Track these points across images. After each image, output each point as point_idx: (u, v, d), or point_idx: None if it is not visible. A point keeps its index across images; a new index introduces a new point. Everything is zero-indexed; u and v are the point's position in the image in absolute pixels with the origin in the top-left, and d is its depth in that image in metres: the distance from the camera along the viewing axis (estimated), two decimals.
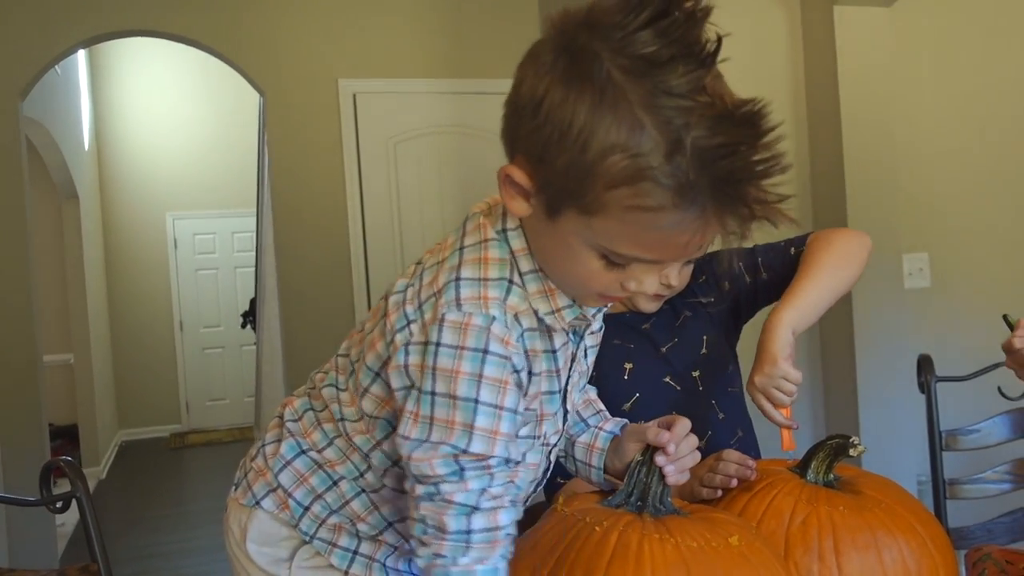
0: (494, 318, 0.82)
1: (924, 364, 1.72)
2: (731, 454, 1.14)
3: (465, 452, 0.81)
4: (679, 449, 0.97)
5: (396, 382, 0.86)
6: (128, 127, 7.70)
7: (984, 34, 3.06)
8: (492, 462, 0.82)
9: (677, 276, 1.39)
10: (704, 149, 0.70)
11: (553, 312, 0.88)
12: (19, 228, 3.42)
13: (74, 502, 1.19)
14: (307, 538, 0.99)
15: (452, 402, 0.81)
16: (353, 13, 3.75)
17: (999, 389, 1.69)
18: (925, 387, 1.70)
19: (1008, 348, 1.32)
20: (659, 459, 0.96)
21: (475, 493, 0.81)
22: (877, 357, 2.65)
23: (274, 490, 1.02)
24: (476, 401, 0.80)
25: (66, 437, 6.15)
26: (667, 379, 1.42)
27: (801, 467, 1.09)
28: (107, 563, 1.18)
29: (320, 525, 0.99)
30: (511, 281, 0.85)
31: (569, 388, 1.00)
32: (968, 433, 1.71)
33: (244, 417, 7.69)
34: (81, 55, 6.45)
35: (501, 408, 0.82)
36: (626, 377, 1.41)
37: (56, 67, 3.73)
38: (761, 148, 0.72)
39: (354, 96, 3.71)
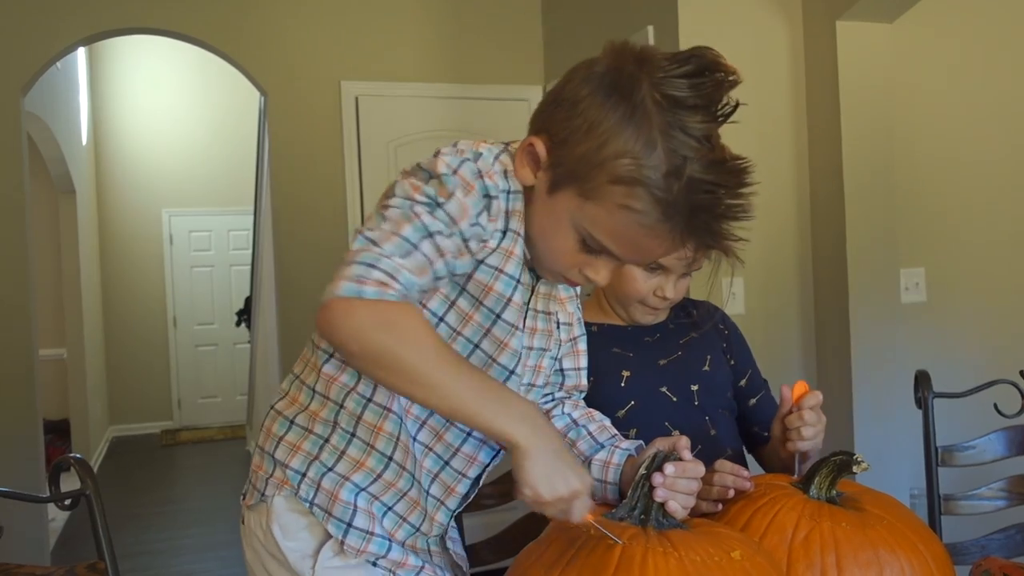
0: (482, 154, 0.96)
1: (922, 380, 1.73)
2: (724, 465, 1.15)
3: (440, 205, 0.91)
4: (676, 476, 0.99)
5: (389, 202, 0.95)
6: (126, 123, 7.70)
7: (985, 51, 3.08)
8: (456, 229, 0.91)
9: (673, 288, 1.42)
10: (695, 181, 0.86)
11: (522, 221, 1.00)
12: (18, 223, 3.42)
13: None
14: (307, 504, 1.02)
15: (432, 178, 0.93)
16: (357, 16, 3.76)
17: (995, 406, 1.71)
18: (922, 403, 1.71)
19: None
20: (656, 478, 0.98)
21: (437, 226, 0.90)
22: (873, 371, 2.66)
23: (272, 474, 1.04)
24: (454, 174, 0.93)
25: (57, 432, 6.13)
26: (664, 389, 1.43)
27: (804, 483, 1.10)
28: (114, 561, 1.19)
29: (317, 490, 1.02)
30: (503, 152, 0.99)
31: (527, 342, 1.07)
32: (964, 449, 1.72)
33: (236, 416, 7.68)
34: (80, 50, 6.43)
35: (466, 205, 0.92)
36: (623, 384, 1.42)
37: (56, 62, 3.72)
38: (737, 196, 0.89)
39: (356, 99, 3.72)
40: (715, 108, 0.88)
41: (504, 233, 0.98)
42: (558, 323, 1.15)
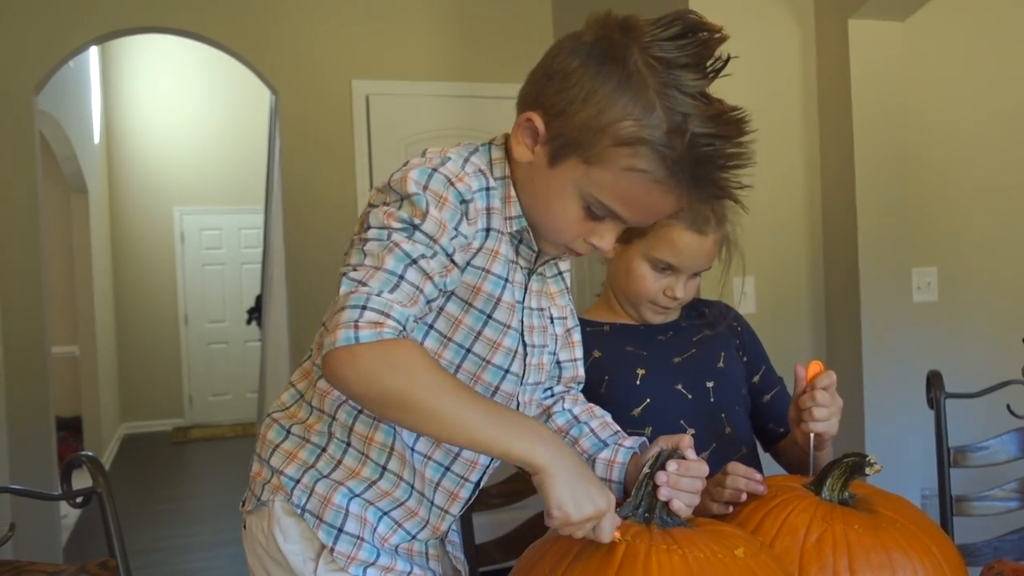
0: (450, 159, 0.96)
1: (934, 380, 1.72)
2: (737, 467, 1.15)
3: (417, 228, 0.91)
4: (679, 474, 0.99)
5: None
6: (137, 122, 7.73)
7: (997, 50, 3.06)
8: (437, 247, 0.91)
9: (683, 288, 1.42)
10: (696, 135, 0.89)
11: (506, 218, 1.01)
12: (31, 221, 3.44)
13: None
14: (299, 510, 1.02)
15: (404, 200, 0.93)
16: (368, 15, 3.76)
17: (1008, 407, 1.70)
18: (934, 403, 1.70)
19: None
20: (660, 476, 0.98)
21: (418, 250, 0.90)
22: (884, 371, 2.65)
23: (270, 480, 1.04)
24: (425, 197, 0.92)
25: (70, 429, 6.16)
26: (679, 387, 1.43)
27: (816, 484, 1.09)
28: (126, 559, 1.19)
29: (310, 495, 1.02)
30: (475, 153, 1.01)
31: (529, 340, 1.07)
32: (976, 450, 1.71)
33: (246, 413, 7.71)
34: (93, 49, 6.46)
35: (443, 218, 0.92)
36: (638, 382, 1.41)
37: (69, 61, 3.74)
38: (738, 144, 0.91)
39: (367, 97, 3.72)
40: (706, 65, 0.91)
41: (487, 232, 0.98)
42: (551, 318, 1.15)
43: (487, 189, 0.98)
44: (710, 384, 1.44)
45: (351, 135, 3.72)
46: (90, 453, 1.20)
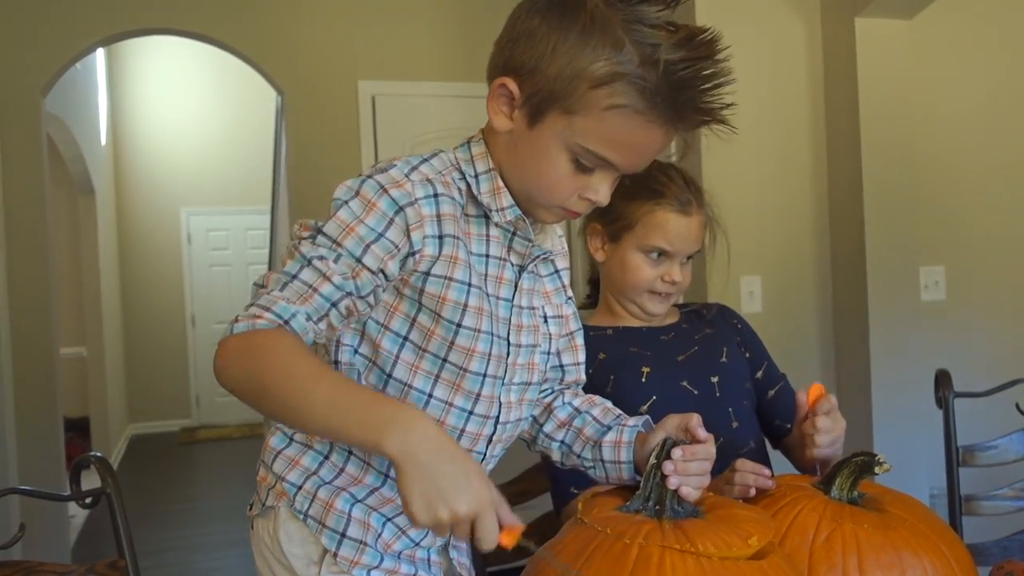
0: (395, 165, 0.97)
1: (942, 379, 1.71)
2: (745, 463, 1.15)
3: (320, 231, 0.94)
4: (686, 460, 0.98)
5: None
6: (144, 123, 7.75)
7: (1004, 48, 3.05)
8: (340, 250, 0.93)
9: (679, 272, 1.43)
10: (669, 62, 0.89)
11: (498, 210, 1.01)
12: (39, 223, 3.45)
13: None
14: (301, 516, 1.02)
15: (332, 203, 0.96)
16: (373, 16, 3.77)
17: (1017, 406, 1.69)
18: (943, 402, 1.70)
19: None
20: (667, 466, 0.97)
21: (317, 252, 0.92)
22: (892, 370, 2.65)
23: (274, 486, 1.05)
24: (344, 202, 0.95)
25: (77, 430, 6.18)
26: (685, 383, 1.43)
27: (825, 483, 1.09)
28: (135, 559, 1.19)
29: (312, 500, 1.02)
30: (429, 159, 1.01)
31: (515, 340, 1.05)
32: (985, 449, 1.70)
33: (254, 414, 7.65)
34: (99, 51, 6.48)
35: (361, 220, 0.93)
36: (643, 380, 1.42)
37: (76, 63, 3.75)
38: (712, 64, 0.90)
39: (373, 98, 3.73)
40: None
41: (439, 240, 0.97)
42: (545, 317, 1.13)
43: (435, 196, 0.97)
44: (715, 379, 1.45)
45: (357, 136, 3.72)
46: (99, 454, 1.21)
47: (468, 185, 1.02)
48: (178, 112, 7.77)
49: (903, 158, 2.69)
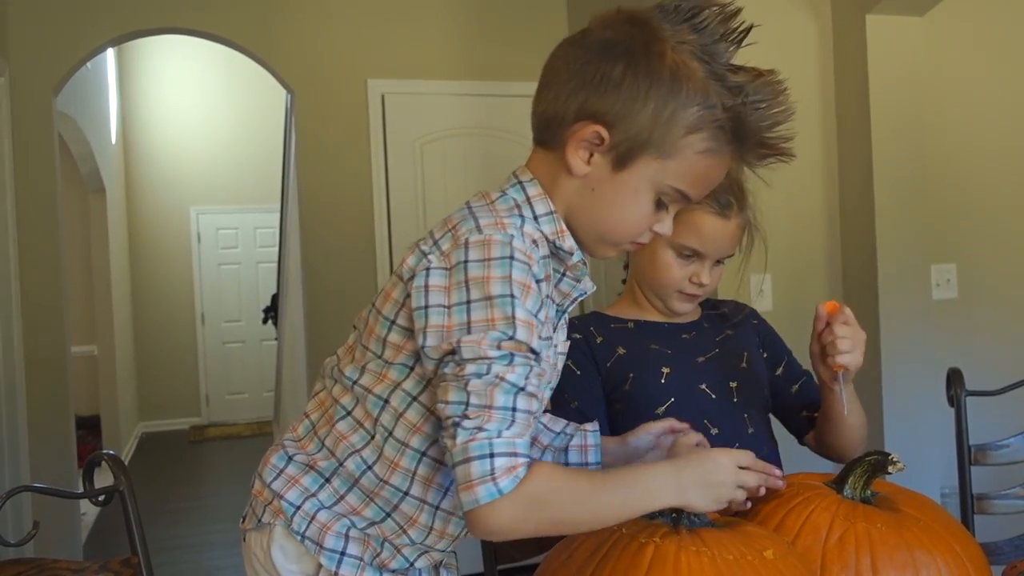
0: (513, 236, 0.91)
1: (954, 378, 1.70)
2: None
3: (511, 339, 0.88)
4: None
5: (416, 301, 0.92)
6: (154, 122, 7.78)
7: (1017, 44, 3.03)
8: (532, 359, 0.90)
9: (708, 274, 1.42)
10: (750, 106, 0.95)
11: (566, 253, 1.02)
12: (51, 222, 3.46)
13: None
14: (298, 536, 1.01)
15: (489, 303, 0.88)
16: (383, 14, 3.77)
17: None
18: (954, 401, 1.69)
19: None
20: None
21: (522, 375, 0.88)
22: (903, 368, 2.64)
23: (270, 503, 1.04)
24: (512, 296, 0.88)
25: (88, 428, 6.21)
26: (703, 387, 1.42)
27: (838, 482, 1.08)
28: (147, 556, 1.20)
29: (310, 522, 1.01)
30: (523, 216, 0.98)
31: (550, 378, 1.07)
32: (997, 448, 1.69)
33: (263, 412, 7.74)
34: (109, 50, 6.51)
35: (534, 314, 0.90)
36: (663, 381, 1.41)
37: (87, 63, 3.77)
38: (778, 104, 0.97)
39: (382, 96, 3.73)
40: (731, 36, 0.96)
41: (543, 300, 0.96)
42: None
43: (542, 258, 0.95)
44: (733, 384, 1.44)
45: (367, 134, 3.73)
46: (111, 452, 1.21)
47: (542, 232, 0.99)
48: (187, 111, 7.80)
49: (914, 155, 2.68)
